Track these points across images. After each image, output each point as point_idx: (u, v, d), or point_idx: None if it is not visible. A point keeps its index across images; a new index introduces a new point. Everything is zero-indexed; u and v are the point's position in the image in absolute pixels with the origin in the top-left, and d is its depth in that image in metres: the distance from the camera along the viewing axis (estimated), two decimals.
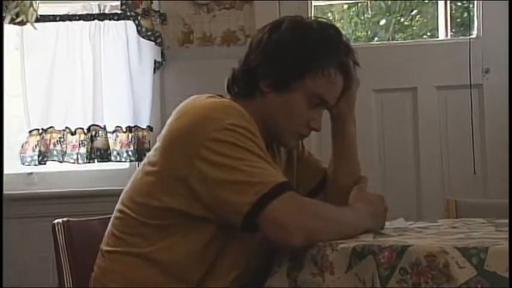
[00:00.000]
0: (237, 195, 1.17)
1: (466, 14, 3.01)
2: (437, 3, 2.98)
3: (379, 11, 3.04)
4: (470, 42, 2.67)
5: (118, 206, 1.36)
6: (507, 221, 1.47)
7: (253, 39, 1.37)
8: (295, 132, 1.36)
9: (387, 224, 1.39)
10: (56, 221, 1.39)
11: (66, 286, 1.33)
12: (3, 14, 2.41)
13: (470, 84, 2.65)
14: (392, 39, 3.11)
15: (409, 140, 2.70)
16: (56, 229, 1.35)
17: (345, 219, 1.23)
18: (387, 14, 3.06)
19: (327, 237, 1.15)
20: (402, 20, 3.08)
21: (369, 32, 3.14)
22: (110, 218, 1.42)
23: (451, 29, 3.01)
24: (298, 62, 1.30)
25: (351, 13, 3.08)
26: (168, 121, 1.32)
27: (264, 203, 1.15)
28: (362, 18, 3.06)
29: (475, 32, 2.74)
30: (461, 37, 2.86)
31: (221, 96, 1.37)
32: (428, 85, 2.71)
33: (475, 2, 2.76)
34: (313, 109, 1.33)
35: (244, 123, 1.23)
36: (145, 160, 1.35)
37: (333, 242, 1.13)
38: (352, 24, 3.09)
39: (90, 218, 1.50)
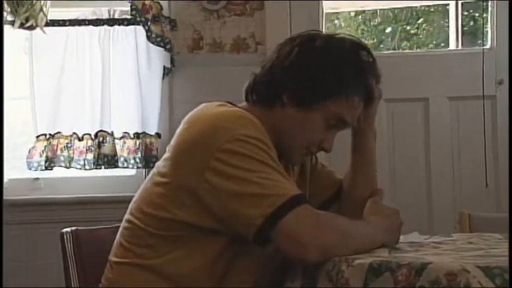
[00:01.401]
0: (250, 207, 1.14)
1: (475, 24, 2.99)
2: (447, 13, 2.96)
3: (385, 19, 3.02)
4: (483, 52, 2.63)
5: (127, 216, 1.33)
6: None
7: (281, 49, 1.33)
8: (305, 149, 1.33)
9: (402, 238, 1.35)
10: (64, 230, 1.37)
11: None
12: (6, 16, 2.40)
13: (483, 95, 2.61)
14: (398, 48, 3.08)
15: (420, 151, 2.67)
16: (65, 238, 1.33)
17: (361, 233, 1.20)
18: (393, 22, 3.04)
19: (342, 252, 1.12)
20: (408, 28, 3.06)
21: (374, 40, 3.12)
22: (118, 226, 1.39)
23: (461, 39, 2.99)
24: (325, 84, 1.27)
25: (358, 20, 3.06)
26: (178, 131, 1.29)
27: (278, 216, 1.12)
28: (368, 25, 3.04)
29: (488, 43, 2.71)
30: (474, 47, 2.83)
31: (232, 104, 1.34)
32: (441, 96, 2.68)
33: (489, 12, 2.73)
34: (329, 130, 1.31)
35: (256, 133, 1.20)
36: (154, 170, 1.32)
37: (349, 257, 1.09)
38: (359, 31, 3.06)
39: (98, 227, 1.47)
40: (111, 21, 2.65)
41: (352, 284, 1.06)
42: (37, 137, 2.65)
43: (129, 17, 2.66)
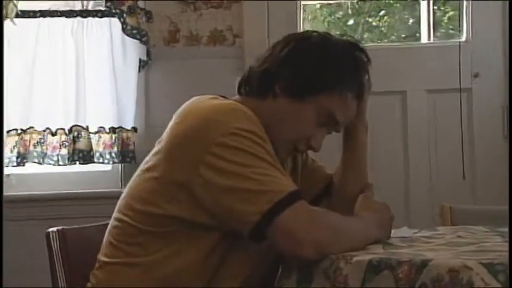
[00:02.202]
0: (246, 204, 1.12)
1: (445, 17, 3.02)
2: (410, 5, 2.97)
3: (348, 12, 3.03)
4: (460, 46, 2.65)
5: (115, 214, 1.29)
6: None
7: (276, 44, 1.33)
8: (291, 144, 1.30)
9: (392, 232, 1.35)
10: (50, 229, 1.32)
11: None
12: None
13: (460, 88, 2.63)
14: (361, 40, 3.08)
15: (398, 144, 2.68)
16: (51, 237, 1.28)
17: (355, 230, 1.19)
18: (356, 15, 3.05)
19: (339, 249, 1.11)
20: (370, 20, 3.07)
21: (338, 32, 3.11)
22: (105, 224, 1.35)
23: (434, 32, 3.00)
24: (318, 76, 1.26)
25: (324, 13, 3.06)
26: (169, 125, 1.26)
27: (275, 212, 1.10)
28: (333, 18, 3.05)
29: (464, 36, 2.73)
30: (450, 40, 2.85)
31: (224, 97, 1.31)
32: (418, 89, 2.68)
33: (464, 5, 2.75)
34: (319, 127, 1.29)
35: (251, 126, 1.17)
36: (142, 166, 1.29)
37: (346, 255, 1.08)
38: (326, 23, 3.06)
39: (85, 225, 1.43)
40: (85, 13, 2.59)
41: (350, 281, 1.05)
42: (8, 132, 2.57)
43: (103, 8, 2.59)
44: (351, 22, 3.08)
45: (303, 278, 1.14)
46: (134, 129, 2.59)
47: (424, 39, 2.93)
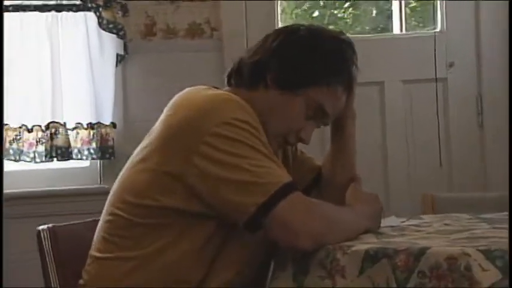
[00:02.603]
0: (242, 195, 1.12)
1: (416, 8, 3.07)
2: None
3: (314, 4, 3.05)
4: (435, 36, 2.69)
5: (107, 208, 1.28)
6: (492, 216, 1.49)
7: (267, 36, 1.33)
8: (281, 136, 1.31)
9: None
10: (41, 227, 1.31)
11: None
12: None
13: (436, 78, 2.67)
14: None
15: (377, 133, 2.70)
16: (42, 235, 1.27)
17: (349, 220, 1.21)
18: (322, 7, 3.08)
19: (334, 239, 1.12)
20: (336, 12, 3.10)
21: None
22: (94, 220, 1.34)
23: (404, 23, 3.03)
24: (308, 69, 1.27)
25: (291, 5, 3.08)
26: (162, 116, 1.26)
27: (271, 203, 1.11)
28: (300, 10, 3.07)
29: (438, 26, 2.77)
30: (424, 31, 2.89)
31: (216, 88, 1.31)
32: (395, 79, 2.72)
33: None
34: (310, 119, 1.30)
35: (246, 116, 1.18)
36: (132, 159, 1.29)
37: (343, 245, 1.10)
38: (294, 15, 3.08)
39: (73, 222, 1.41)
40: (59, 7, 2.54)
41: (348, 271, 1.06)
42: None
43: (78, 2, 2.55)
44: (315, 14, 3.10)
45: (299, 270, 1.15)
46: (113, 124, 2.56)
47: (396, 30, 2.96)
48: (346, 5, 3.09)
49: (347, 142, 1.43)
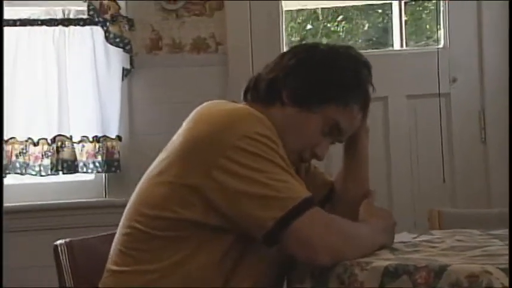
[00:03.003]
0: (261, 209, 1.13)
1: (419, 23, 3.11)
2: (390, 11, 3.04)
3: (308, 17, 3.09)
4: (438, 51, 2.71)
5: (124, 221, 1.29)
6: (501, 232, 1.50)
7: (285, 54, 1.36)
8: (297, 153, 1.32)
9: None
10: (58, 242, 1.31)
11: None
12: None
13: (439, 93, 2.69)
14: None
15: (380, 149, 2.71)
16: (59, 250, 1.27)
17: (365, 236, 1.22)
18: (315, 20, 3.11)
19: (352, 255, 1.13)
20: (329, 25, 3.14)
21: (298, 37, 3.17)
22: (110, 234, 1.35)
23: (405, 38, 3.07)
24: (325, 88, 1.29)
25: (288, 19, 3.11)
26: (181, 130, 1.27)
27: (289, 218, 1.12)
28: (295, 23, 3.10)
29: (441, 42, 2.80)
30: (429, 47, 2.92)
31: (235, 102, 1.33)
32: (399, 94, 2.74)
33: (441, 11, 2.81)
34: (325, 136, 1.31)
35: (266, 131, 1.19)
36: (150, 172, 1.29)
37: (361, 261, 1.11)
38: (289, 29, 3.12)
39: (90, 236, 1.42)
40: (66, 22, 2.55)
41: (367, 287, 1.07)
42: None
43: (85, 17, 2.56)
44: (308, 27, 3.13)
45: (317, 285, 1.15)
46: (119, 138, 2.57)
47: (397, 45, 3.00)
48: (339, 18, 3.13)
49: (360, 157, 1.44)
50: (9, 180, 2.58)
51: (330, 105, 1.29)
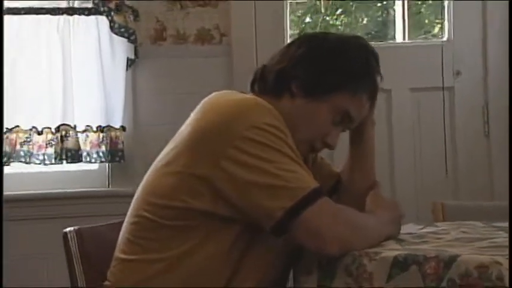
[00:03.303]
0: (269, 199, 1.13)
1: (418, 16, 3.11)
2: (392, 4, 3.04)
3: (307, 10, 3.08)
4: (442, 45, 2.72)
5: (132, 211, 1.29)
6: (505, 224, 1.50)
7: (291, 43, 1.35)
8: (308, 143, 1.32)
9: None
10: (67, 229, 1.32)
11: None
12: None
13: (443, 87, 2.69)
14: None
15: (384, 141, 2.72)
16: (68, 237, 1.27)
17: (373, 226, 1.22)
18: (314, 13, 3.11)
19: (360, 245, 1.14)
20: (328, 18, 3.13)
21: (297, 30, 3.17)
22: (116, 223, 1.36)
23: (409, 30, 3.06)
24: (335, 76, 1.29)
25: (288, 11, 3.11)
26: (189, 119, 1.27)
27: (299, 208, 1.13)
28: (294, 16, 3.10)
29: (446, 35, 2.80)
30: (433, 40, 2.92)
31: (243, 92, 1.33)
32: (403, 87, 2.74)
33: (446, 5, 2.81)
34: (335, 125, 1.32)
35: (275, 121, 1.19)
36: (158, 162, 1.29)
37: (369, 251, 1.11)
38: (288, 21, 3.12)
39: (98, 224, 1.42)
40: (71, 11, 2.55)
41: (375, 277, 1.07)
42: None
43: (90, 6, 2.56)
44: (307, 20, 3.13)
45: (324, 275, 1.16)
46: (122, 128, 2.57)
47: (399, 38, 2.99)
48: (339, 11, 3.13)
49: (366, 149, 1.44)
50: (13, 168, 2.59)
51: (339, 94, 1.29)
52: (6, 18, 2.48)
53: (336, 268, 1.14)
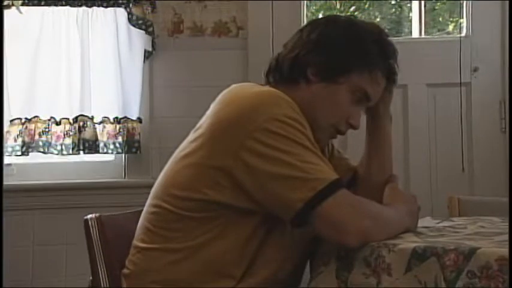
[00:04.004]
0: (289, 190, 1.14)
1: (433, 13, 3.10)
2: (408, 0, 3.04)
3: (320, 6, 3.08)
4: (460, 40, 2.70)
5: (151, 200, 1.30)
6: None
7: (303, 29, 1.35)
8: (332, 126, 1.32)
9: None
10: (89, 216, 1.34)
11: (101, 281, 1.28)
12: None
13: (460, 83, 2.68)
14: None
15: (399, 137, 2.71)
16: (90, 224, 1.29)
17: (392, 218, 1.22)
18: (328, 11, 3.10)
19: (379, 237, 1.14)
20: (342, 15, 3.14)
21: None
22: (135, 211, 1.37)
23: (425, 27, 3.05)
24: (349, 56, 1.29)
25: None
26: (209, 112, 1.28)
27: (318, 200, 1.13)
28: (308, 12, 3.10)
29: (464, 31, 2.79)
30: (450, 35, 2.90)
31: (261, 85, 1.33)
32: (419, 83, 2.73)
33: (464, 2, 2.80)
34: (355, 105, 1.32)
35: (295, 114, 1.19)
36: (178, 153, 1.30)
37: (388, 243, 1.11)
38: (305, 17, 3.12)
39: (122, 212, 1.44)
40: (90, 2, 2.57)
41: (394, 268, 1.08)
42: (11, 121, 2.55)
43: None
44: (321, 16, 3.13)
45: (342, 266, 1.16)
46: (139, 119, 2.59)
47: (415, 34, 2.98)
48: (352, 8, 3.12)
49: (384, 142, 1.45)
50: (31, 158, 2.61)
51: (355, 74, 1.29)
52: (26, 9, 2.51)
53: (354, 259, 1.14)
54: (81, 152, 2.55)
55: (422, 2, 3.06)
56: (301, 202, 1.14)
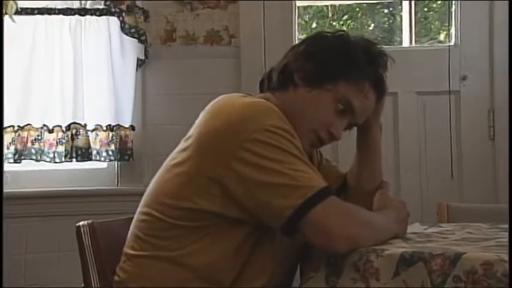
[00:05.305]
0: (279, 198, 1.16)
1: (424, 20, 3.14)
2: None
3: (314, 15, 3.11)
4: (449, 49, 2.74)
5: (142, 208, 1.32)
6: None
7: (294, 45, 1.40)
8: (313, 132, 1.34)
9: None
10: (81, 223, 1.35)
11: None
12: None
13: (449, 91, 2.72)
14: None
15: (390, 144, 2.74)
16: (82, 231, 1.31)
17: (381, 225, 1.24)
18: (321, 18, 3.13)
19: (368, 243, 1.16)
20: (334, 24, 3.16)
21: (304, 35, 3.20)
22: (127, 218, 1.38)
23: (416, 36, 3.09)
24: (335, 64, 1.32)
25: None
26: (199, 121, 1.29)
27: (308, 207, 1.15)
28: (302, 20, 3.13)
29: (452, 40, 2.82)
30: (440, 44, 2.94)
31: (250, 95, 1.36)
32: (409, 91, 2.76)
33: (453, 9, 2.83)
34: (338, 115, 1.33)
35: (284, 124, 1.22)
36: (169, 162, 1.32)
37: (377, 248, 1.13)
38: (296, 25, 3.15)
39: (114, 219, 1.45)
40: (83, 11, 2.59)
41: (382, 273, 1.10)
42: (4, 128, 2.56)
43: (101, 7, 2.60)
44: (313, 25, 3.16)
45: (331, 272, 1.18)
46: (132, 127, 2.60)
47: (405, 43, 3.02)
48: (345, 17, 3.15)
49: (374, 152, 1.47)
50: (24, 166, 2.62)
51: (341, 83, 1.31)
52: (19, 18, 2.52)
53: (343, 265, 1.16)
54: (74, 159, 2.56)
55: (413, 12, 3.10)
56: (290, 209, 1.15)
